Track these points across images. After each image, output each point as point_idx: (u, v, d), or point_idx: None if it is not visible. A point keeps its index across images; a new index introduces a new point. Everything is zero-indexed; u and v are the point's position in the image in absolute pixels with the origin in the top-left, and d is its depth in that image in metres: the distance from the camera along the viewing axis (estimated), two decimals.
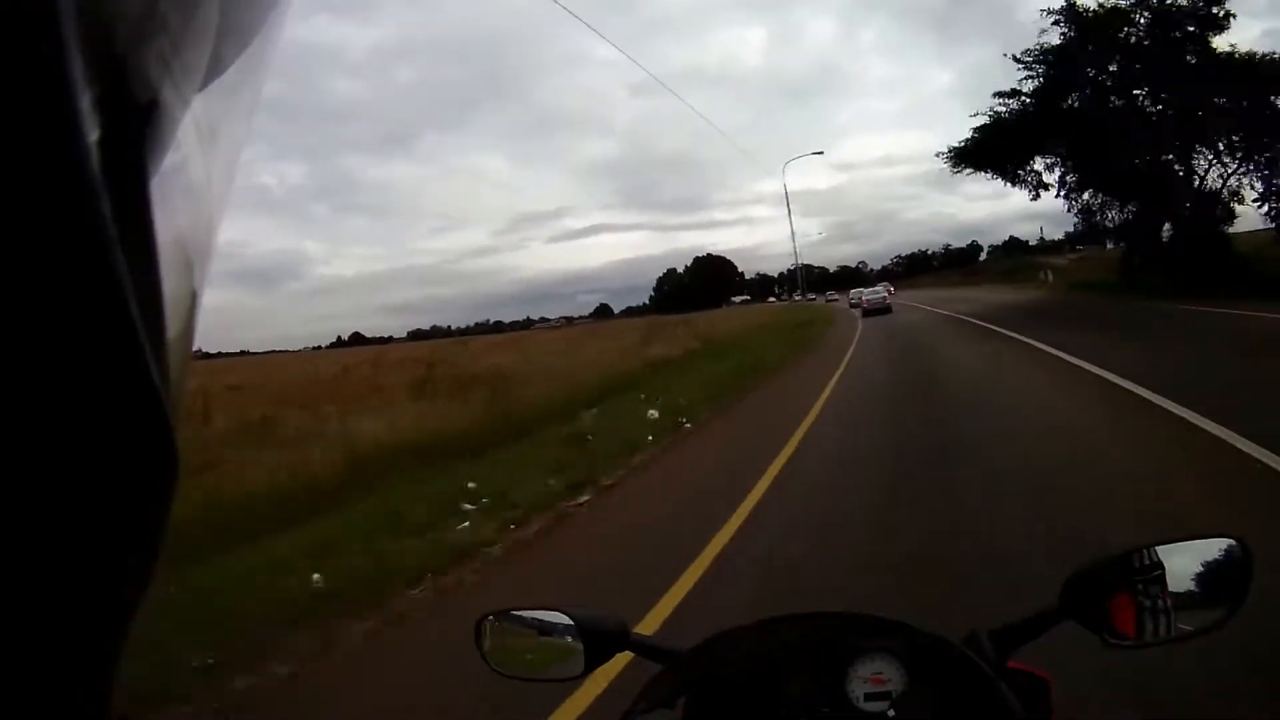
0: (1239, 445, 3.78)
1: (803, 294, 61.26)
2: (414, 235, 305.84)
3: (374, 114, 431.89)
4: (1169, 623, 0.65)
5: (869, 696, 0.69)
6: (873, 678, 0.69)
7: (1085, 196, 22.05)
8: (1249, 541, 0.66)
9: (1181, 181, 19.42)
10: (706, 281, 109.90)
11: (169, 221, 0.18)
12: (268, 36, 0.22)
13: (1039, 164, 22.31)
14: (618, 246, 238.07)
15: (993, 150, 21.39)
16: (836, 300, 60.22)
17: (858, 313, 27.73)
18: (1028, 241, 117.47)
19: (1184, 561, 0.66)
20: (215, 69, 0.20)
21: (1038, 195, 22.65)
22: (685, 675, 0.74)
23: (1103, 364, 6.89)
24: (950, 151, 22.77)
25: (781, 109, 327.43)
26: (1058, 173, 22.12)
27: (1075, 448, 4.39)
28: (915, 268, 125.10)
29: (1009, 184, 22.92)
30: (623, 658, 0.80)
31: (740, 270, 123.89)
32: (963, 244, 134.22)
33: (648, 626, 2.59)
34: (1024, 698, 0.67)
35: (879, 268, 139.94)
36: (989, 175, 22.85)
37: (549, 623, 0.78)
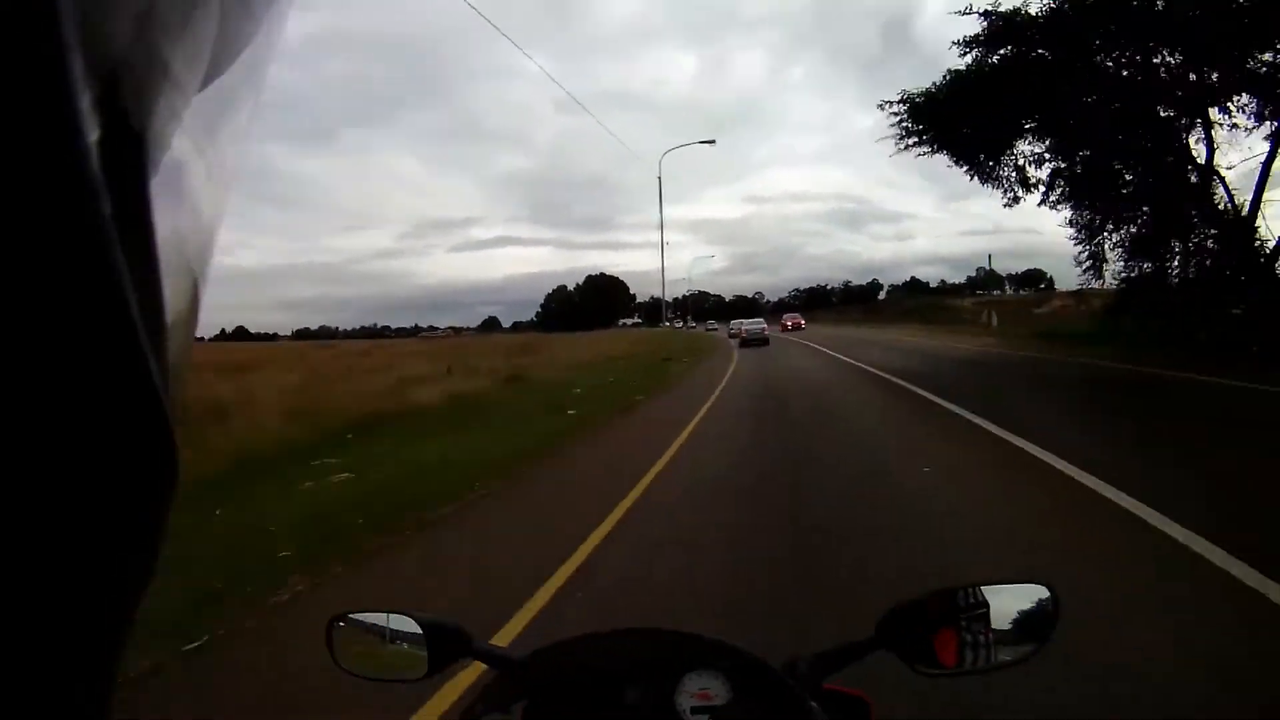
0: None
1: (684, 322, 60.08)
2: (321, 231, 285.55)
3: (298, 103, 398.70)
4: (989, 655, 0.72)
5: (695, 710, 0.72)
6: (699, 693, 0.72)
7: (1086, 215, 15.17)
8: (1057, 589, 0.72)
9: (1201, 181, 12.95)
10: (597, 301, 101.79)
11: (169, 222, 0.18)
12: (267, 38, 0.22)
13: (1025, 149, 15.05)
14: (523, 260, 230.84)
15: (965, 115, 13.63)
16: (716, 330, 59.80)
17: (735, 342, 27.59)
18: (929, 284, 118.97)
19: (1000, 601, 0.73)
20: (215, 70, 0.19)
21: (1015, 200, 15.51)
22: (522, 681, 0.76)
23: None
24: (903, 102, 14.49)
25: (702, 137, 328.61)
26: (1048, 169, 15.00)
27: None
28: (814, 302, 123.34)
29: (979, 179, 15.54)
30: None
31: (633, 292, 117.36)
32: (863, 282, 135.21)
33: None
34: (845, 717, 0.76)
35: (776, 300, 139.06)
36: (951, 161, 15.22)
37: (396, 627, 0.80)
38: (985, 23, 12.69)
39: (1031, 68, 12.59)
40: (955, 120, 13.92)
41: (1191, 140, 13.29)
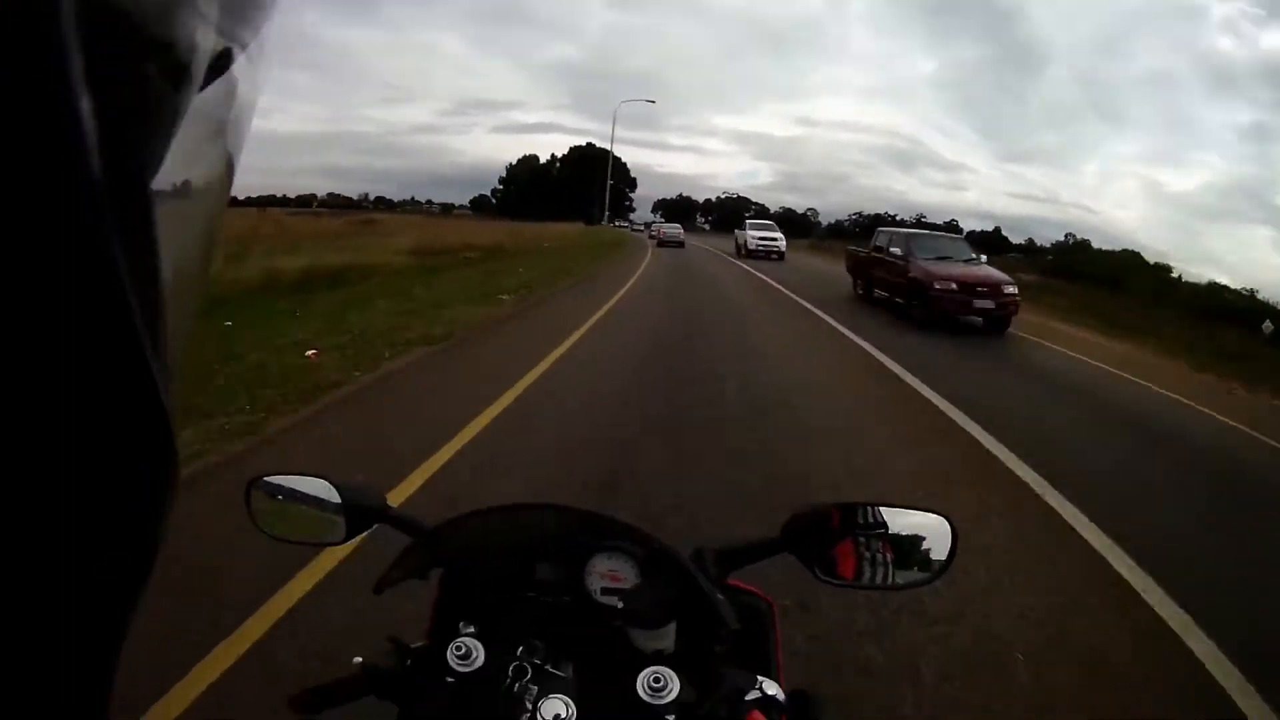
0: None
1: (612, 221, 57.69)
2: (360, 102, 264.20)
3: None
4: (886, 573, 0.73)
5: (604, 590, 0.73)
6: (610, 574, 0.73)
7: None
8: (956, 523, 0.75)
9: None
10: (580, 183, 76.65)
11: (169, 221, 0.18)
12: (267, 37, 0.22)
13: None
14: (564, 149, 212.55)
15: None
16: (641, 231, 57.43)
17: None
18: (1008, 239, 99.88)
19: (900, 525, 0.73)
20: (216, 69, 0.19)
21: None
22: (436, 548, 0.77)
23: None
24: None
25: (756, 53, 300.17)
26: None
27: None
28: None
29: None
30: None
31: (633, 176, 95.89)
32: (938, 220, 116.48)
33: None
34: (747, 615, 0.75)
35: (831, 221, 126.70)
36: None
37: (314, 491, 0.80)
38: None
39: None
40: None
41: None
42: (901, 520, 0.73)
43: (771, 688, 0.68)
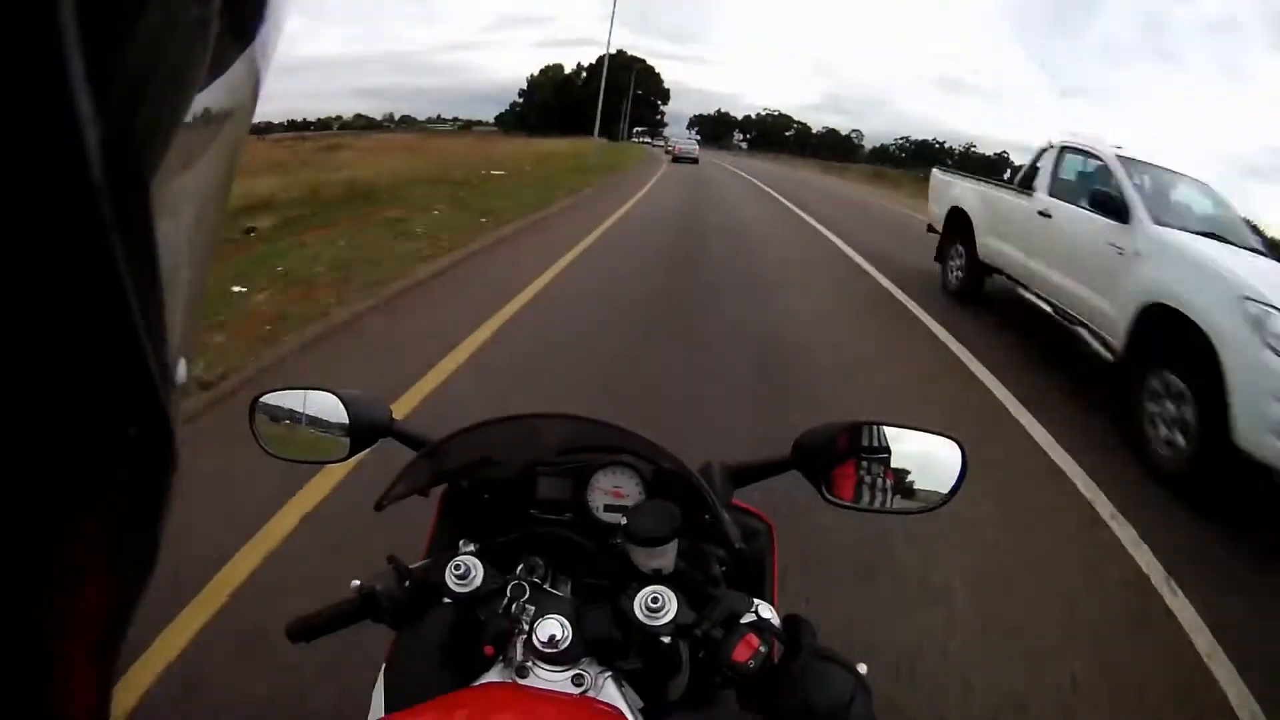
0: None
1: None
2: (393, 19, 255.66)
3: None
4: (885, 498, 0.73)
5: (608, 508, 0.74)
6: (613, 490, 0.74)
7: None
8: (966, 447, 0.71)
9: None
10: (609, 96, 72.77)
11: (170, 221, 0.18)
12: (268, 34, 0.22)
13: None
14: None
15: None
16: (659, 146, 56.85)
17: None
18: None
19: (907, 447, 0.73)
20: (216, 67, 0.19)
21: None
22: (440, 463, 0.75)
23: None
24: None
25: None
26: None
27: None
28: (923, 158, 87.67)
29: None
30: None
31: (667, 87, 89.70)
32: (987, 152, 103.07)
33: None
34: (748, 535, 0.76)
35: (876, 145, 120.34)
36: None
37: (317, 411, 0.79)
38: None
39: None
40: None
41: None
42: (909, 443, 0.73)
43: (766, 610, 0.66)
